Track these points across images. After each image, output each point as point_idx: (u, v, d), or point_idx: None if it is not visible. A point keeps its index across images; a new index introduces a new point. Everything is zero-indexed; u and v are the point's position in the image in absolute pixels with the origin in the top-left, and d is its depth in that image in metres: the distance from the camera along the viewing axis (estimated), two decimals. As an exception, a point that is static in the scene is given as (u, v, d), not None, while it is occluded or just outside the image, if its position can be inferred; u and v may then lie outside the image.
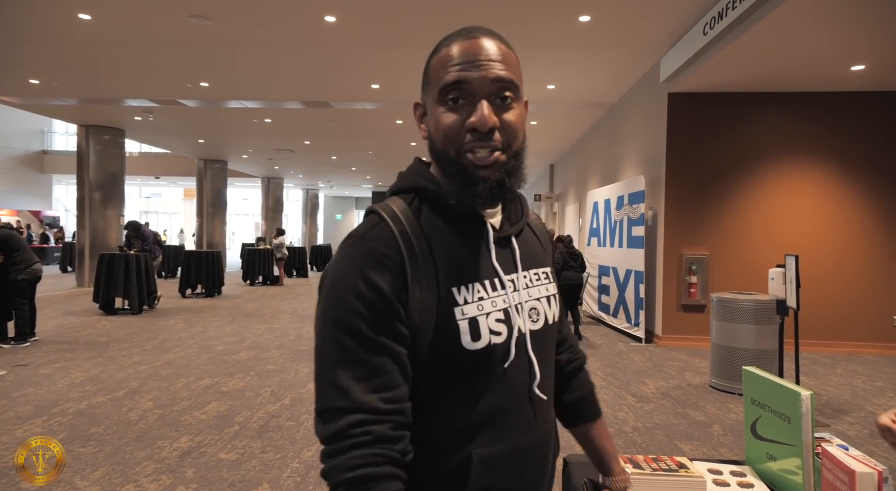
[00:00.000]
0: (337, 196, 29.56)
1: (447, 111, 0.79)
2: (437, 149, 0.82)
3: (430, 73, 0.83)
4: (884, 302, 6.61)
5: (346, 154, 15.44)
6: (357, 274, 0.75)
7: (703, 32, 5.46)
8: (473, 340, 0.78)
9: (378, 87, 8.48)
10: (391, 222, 0.80)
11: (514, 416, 0.84)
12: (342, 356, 0.74)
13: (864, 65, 5.77)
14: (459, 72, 0.78)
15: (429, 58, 0.84)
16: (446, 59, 0.80)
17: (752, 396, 1.48)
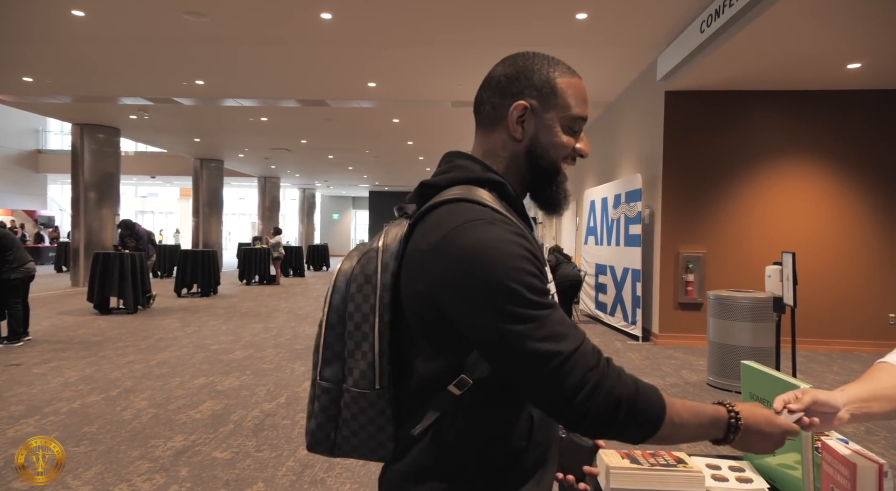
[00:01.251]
0: (334, 195, 29.50)
1: (566, 135, 0.92)
2: (547, 157, 0.92)
3: (557, 93, 0.91)
4: (880, 300, 6.62)
5: (342, 153, 15.40)
6: (520, 246, 0.80)
7: (700, 30, 5.45)
8: None
9: (375, 85, 8.45)
10: (499, 208, 0.85)
11: None
12: (544, 312, 0.78)
13: (861, 63, 5.78)
14: (586, 109, 0.93)
15: (544, 70, 0.91)
16: (577, 92, 0.92)
17: (750, 390, 1.46)
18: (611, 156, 9.08)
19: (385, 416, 0.88)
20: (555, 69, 0.92)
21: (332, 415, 0.89)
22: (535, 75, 0.91)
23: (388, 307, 0.86)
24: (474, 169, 0.91)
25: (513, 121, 0.90)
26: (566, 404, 0.76)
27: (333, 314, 0.89)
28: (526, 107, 0.90)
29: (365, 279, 0.87)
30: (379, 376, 0.86)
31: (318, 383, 0.90)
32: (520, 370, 0.77)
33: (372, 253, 0.89)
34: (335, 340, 0.89)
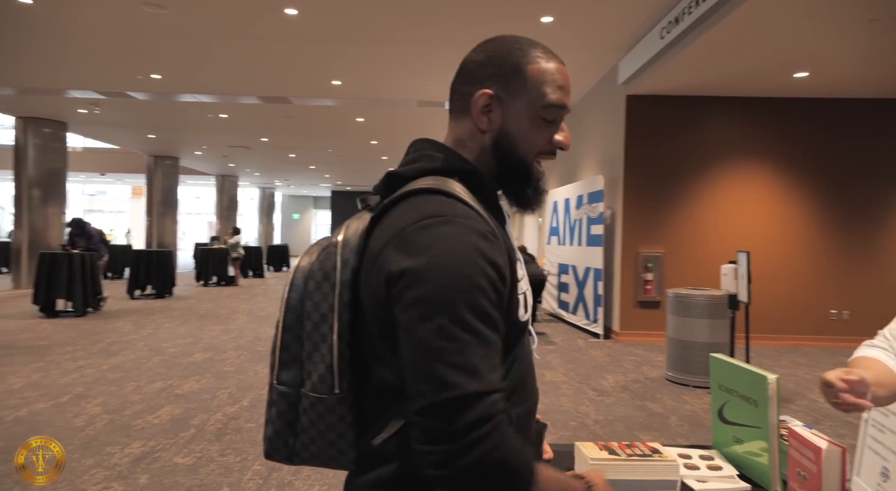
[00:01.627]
0: (294, 195, 29.00)
1: (539, 125, 0.86)
2: (516, 151, 0.86)
3: (526, 80, 0.85)
4: (822, 298, 6.97)
5: (304, 152, 15.16)
6: (475, 251, 0.73)
7: (661, 37, 5.62)
8: (525, 312, 0.86)
9: (339, 83, 8.36)
10: (469, 201, 0.80)
11: (531, 378, 0.92)
12: (471, 338, 0.70)
13: (808, 72, 6.08)
14: (564, 96, 0.86)
15: (514, 58, 0.85)
16: (550, 77, 0.85)
17: (719, 382, 1.52)
18: (574, 157, 9.25)
19: (345, 422, 0.81)
20: (527, 54, 0.85)
21: (289, 421, 0.83)
22: (505, 61, 0.85)
23: (347, 306, 0.80)
24: (444, 158, 0.85)
25: (477, 110, 0.85)
26: (443, 442, 0.68)
27: (290, 314, 0.84)
28: (491, 95, 0.84)
29: (323, 276, 0.82)
30: (339, 380, 0.80)
31: (274, 388, 0.84)
32: (417, 384, 0.70)
33: (331, 248, 0.83)
34: (292, 342, 0.84)
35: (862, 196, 6.95)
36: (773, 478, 1.33)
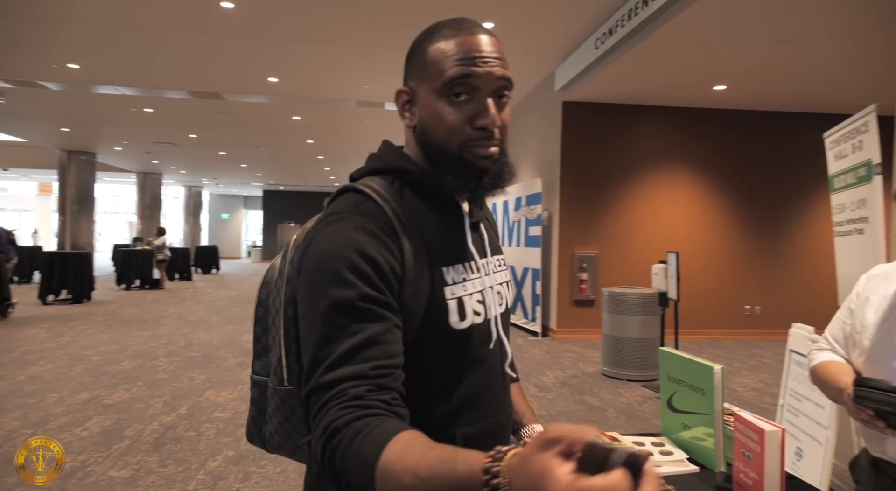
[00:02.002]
0: (224, 194, 27.83)
1: (450, 106, 0.78)
2: (433, 141, 0.81)
3: (426, 63, 0.80)
4: (738, 295, 7.53)
5: (236, 150, 14.61)
6: (351, 247, 0.72)
7: (595, 47, 5.88)
8: (460, 319, 0.80)
9: (276, 80, 8.14)
10: (379, 200, 0.78)
11: (492, 395, 0.86)
12: (333, 332, 0.69)
13: (725, 85, 6.56)
14: (466, 67, 0.76)
15: (421, 44, 0.82)
16: (449, 52, 0.78)
17: (668, 373, 1.64)
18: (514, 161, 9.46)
19: (296, 415, 0.84)
20: (431, 35, 0.81)
21: (261, 408, 0.90)
22: (413, 50, 0.83)
23: (291, 302, 0.82)
24: (384, 158, 0.87)
25: (399, 108, 0.85)
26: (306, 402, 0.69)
27: (260, 308, 0.91)
28: (406, 91, 0.84)
29: (279, 273, 0.87)
30: (287, 374, 0.83)
31: (251, 376, 0.92)
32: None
33: (287, 248, 0.89)
34: (263, 334, 0.91)
35: (773, 201, 7.57)
36: (718, 459, 1.46)
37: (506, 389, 0.91)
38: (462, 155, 0.80)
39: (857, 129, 2.33)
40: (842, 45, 5.25)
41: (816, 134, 7.60)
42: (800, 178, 7.58)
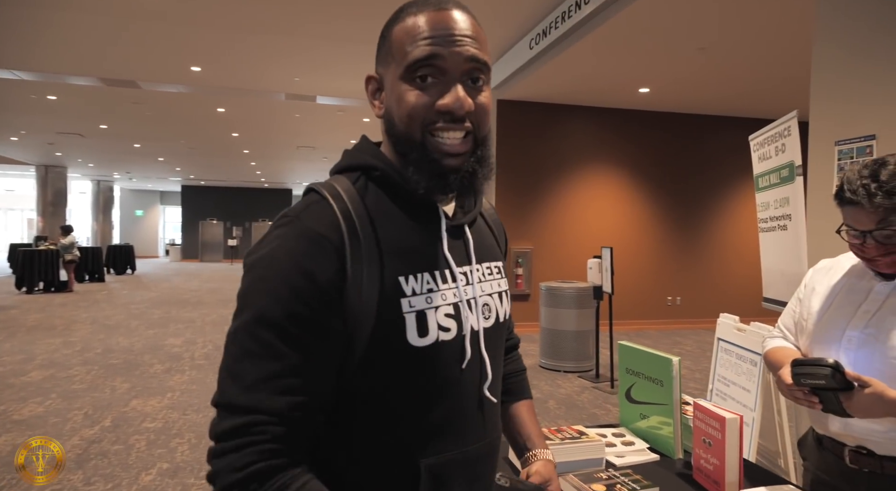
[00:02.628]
0: (138, 189, 26.06)
1: (414, 89, 0.71)
2: (397, 129, 0.74)
3: (391, 45, 0.74)
4: (661, 287, 7.99)
5: (153, 142, 13.72)
6: (290, 259, 0.67)
7: (530, 47, 6.01)
8: (420, 335, 0.71)
9: (199, 70, 7.71)
10: (332, 200, 0.72)
11: (465, 421, 0.77)
12: (255, 349, 0.65)
13: (649, 89, 6.91)
14: (431, 46, 0.70)
15: (387, 26, 0.76)
16: (414, 31, 0.71)
17: (626, 366, 1.70)
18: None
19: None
20: (398, 16, 0.75)
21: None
22: (383, 34, 0.77)
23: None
24: (355, 154, 0.81)
25: (369, 97, 0.80)
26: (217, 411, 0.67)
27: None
28: (374, 78, 0.79)
29: None
30: None
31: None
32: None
33: None
34: None
35: (694, 199, 8.07)
36: (676, 447, 1.54)
37: (487, 413, 0.80)
38: (424, 142, 0.72)
39: (780, 132, 2.52)
40: (758, 55, 5.66)
41: (735, 136, 8.19)
42: (719, 177, 8.14)
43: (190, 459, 3.17)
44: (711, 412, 1.34)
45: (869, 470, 1.23)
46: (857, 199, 1.15)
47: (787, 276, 2.55)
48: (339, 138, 12.87)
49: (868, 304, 1.26)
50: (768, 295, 2.82)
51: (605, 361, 5.39)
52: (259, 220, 24.80)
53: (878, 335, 1.21)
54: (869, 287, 1.28)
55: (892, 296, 1.23)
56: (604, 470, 1.40)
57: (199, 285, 13.40)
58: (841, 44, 2.56)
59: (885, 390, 1.09)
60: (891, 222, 1.14)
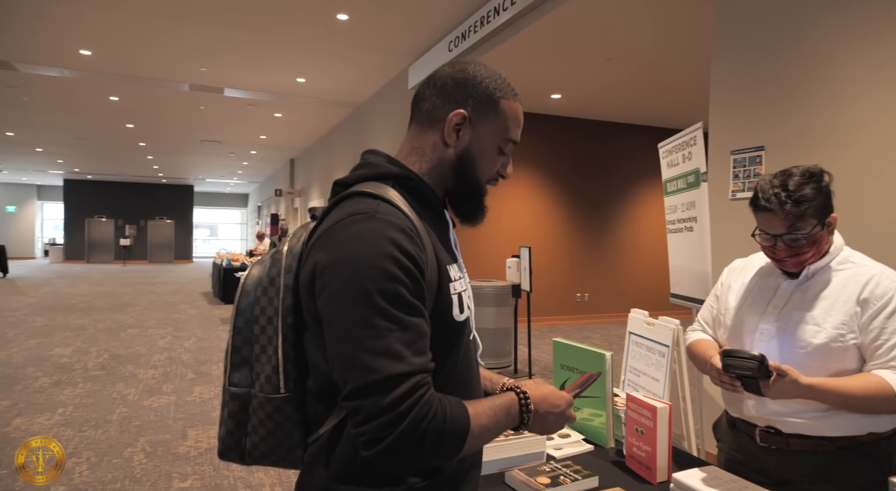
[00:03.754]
0: (10, 183, 23.32)
1: (499, 154, 0.95)
2: (473, 169, 0.93)
3: (498, 113, 0.93)
4: (572, 284, 8.40)
5: (30, 131, 12.34)
6: (391, 243, 0.77)
7: (449, 49, 6.08)
8: (460, 312, 0.88)
9: (90, 53, 7.05)
10: (397, 202, 0.84)
11: (472, 380, 0.96)
12: (391, 325, 0.75)
13: (561, 95, 7.23)
14: (519, 134, 0.97)
15: (491, 89, 0.92)
16: (516, 115, 0.95)
17: (561, 362, 1.77)
18: (362, 156, 9.39)
19: (292, 421, 0.86)
20: (501, 88, 0.93)
21: (241, 421, 0.88)
22: (482, 88, 0.91)
23: (290, 310, 0.86)
24: (381, 164, 0.91)
25: (450, 126, 0.90)
26: (371, 420, 0.73)
27: (240, 318, 0.89)
28: (465, 116, 0.91)
29: (269, 282, 0.88)
30: (284, 381, 0.86)
31: (227, 389, 0.89)
32: (344, 372, 0.75)
33: (277, 256, 0.90)
34: (242, 344, 0.89)
35: (601, 201, 8.55)
36: (609, 437, 1.62)
37: (478, 374, 1.01)
38: (482, 188, 0.97)
39: (687, 142, 2.74)
40: (663, 68, 6.10)
41: (642, 143, 8.75)
42: (626, 181, 8.68)
43: (91, 480, 2.89)
44: (643, 402, 1.44)
45: (777, 447, 1.37)
46: (771, 207, 1.28)
47: (694, 273, 2.78)
48: (248, 133, 12.30)
49: (777, 300, 1.40)
50: (676, 291, 3.05)
51: (523, 357, 5.57)
52: (156, 218, 23.09)
53: (785, 327, 1.35)
54: (777, 285, 1.42)
55: (796, 292, 1.38)
56: (545, 463, 1.45)
57: (89, 289, 12.26)
58: (736, 63, 2.83)
59: (799, 377, 1.22)
60: (798, 228, 1.28)
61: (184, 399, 4.40)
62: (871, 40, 2.23)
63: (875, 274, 1.31)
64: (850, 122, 2.30)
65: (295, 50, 6.82)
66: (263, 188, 21.90)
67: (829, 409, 1.29)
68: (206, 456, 3.29)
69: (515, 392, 0.90)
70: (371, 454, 0.74)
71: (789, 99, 2.56)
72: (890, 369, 1.24)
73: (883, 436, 1.31)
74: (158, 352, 6.05)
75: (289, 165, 16.20)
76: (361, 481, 0.82)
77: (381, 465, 0.75)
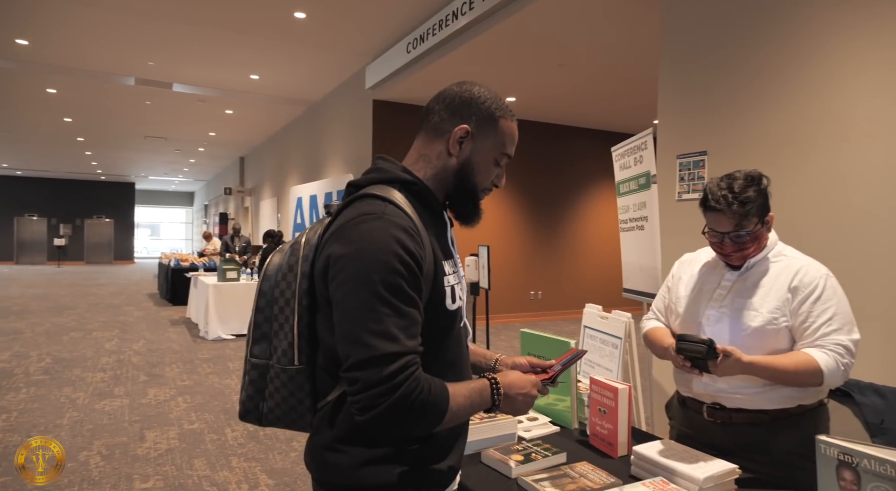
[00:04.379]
0: (-73, 179, 21.66)
1: (495, 166, 1.08)
2: (471, 178, 1.06)
3: (496, 130, 1.05)
4: (525, 282, 8.63)
5: (-46, 123, 11.55)
6: (395, 241, 0.89)
7: (407, 51, 6.15)
8: (452, 302, 1.01)
9: (26, 43, 6.71)
10: (402, 205, 0.96)
11: (463, 364, 1.09)
12: (389, 311, 0.87)
13: (515, 98, 7.43)
14: (513, 150, 1.09)
15: (490, 109, 1.04)
16: (512, 133, 1.08)
17: (528, 350, 1.90)
18: (318, 155, 9.31)
19: (304, 390, 1.00)
20: (500, 108, 1.07)
21: (259, 388, 1.03)
22: (485, 108, 1.04)
23: (306, 293, 0.99)
24: (390, 169, 1.04)
25: (455, 139, 1.04)
26: (367, 389, 0.85)
27: (262, 299, 1.04)
28: (468, 131, 1.04)
29: (289, 268, 1.02)
30: (298, 355, 0.99)
31: (248, 359, 1.04)
32: (346, 348, 0.88)
33: (296, 246, 1.03)
34: (263, 322, 1.04)
35: (553, 201, 8.82)
36: (573, 419, 1.76)
37: (468, 357, 1.14)
38: (479, 194, 1.10)
39: (638, 146, 2.93)
40: (614, 74, 6.35)
41: (594, 146, 9.04)
42: (578, 182, 8.98)
43: (46, 485, 2.81)
44: (606, 385, 1.57)
45: (721, 421, 1.54)
46: (720, 208, 1.44)
47: (645, 269, 2.98)
48: (197, 130, 11.95)
49: (721, 289, 1.57)
50: (628, 286, 3.25)
51: (480, 353, 5.69)
52: (94, 217, 22.00)
53: (728, 313, 1.52)
54: (721, 275, 1.59)
55: (737, 282, 1.55)
56: (517, 443, 1.56)
57: (21, 292, 11.59)
58: (681, 70, 3.04)
59: (742, 356, 1.38)
60: (743, 226, 1.44)
61: (138, 401, 4.29)
62: (804, 51, 2.47)
63: (803, 265, 1.49)
64: (783, 129, 2.53)
65: (250, 47, 6.72)
66: (211, 186, 21.25)
67: (765, 385, 1.46)
68: (167, 457, 3.24)
69: (488, 378, 1.03)
70: (364, 419, 0.86)
71: (729, 106, 2.78)
72: (816, 348, 1.42)
73: (809, 408, 1.50)
74: (106, 355, 5.83)
75: (238, 163, 15.81)
76: (360, 442, 0.95)
77: (371, 428, 0.87)
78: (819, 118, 2.37)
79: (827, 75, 2.34)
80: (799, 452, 1.43)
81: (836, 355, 1.39)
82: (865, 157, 2.19)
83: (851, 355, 1.41)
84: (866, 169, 2.19)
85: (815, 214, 2.36)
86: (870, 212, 2.17)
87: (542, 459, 1.44)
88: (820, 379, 1.39)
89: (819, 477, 0.99)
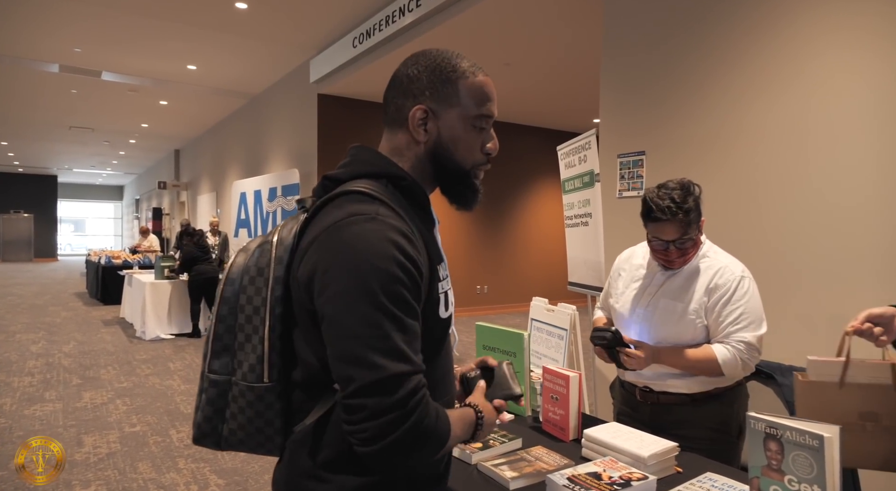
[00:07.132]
0: None
1: (475, 132, 0.93)
2: (451, 158, 0.93)
3: (459, 94, 0.91)
4: (472, 277, 8.77)
5: None
6: (394, 246, 0.78)
7: (353, 45, 6.10)
8: (445, 310, 0.91)
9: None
10: (391, 204, 0.85)
11: (451, 378, 1.00)
12: (393, 324, 0.76)
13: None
14: (491, 107, 0.94)
15: (448, 74, 0.91)
16: (481, 91, 0.92)
17: (483, 343, 1.97)
18: (259, 149, 9.08)
19: (273, 410, 0.86)
20: (456, 70, 0.91)
21: (219, 408, 0.88)
22: (436, 76, 0.91)
23: (279, 300, 0.85)
24: (376, 162, 0.92)
25: (414, 124, 0.90)
26: (375, 418, 0.74)
27: (224, 306, 0.88)
28: (426, 110, 0.90)
29: (258, 272, 0.87)
30: (269, 370, 0.85)
31: (206, 375, 0.88)
32: (346, 369, 0.76)
33: (267, 246, 0.88)
34: (225, 332, 0.88)
35: (498, 198, 8.98)
36: (527, 407, 1.85)
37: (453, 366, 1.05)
38: (470, 173, 0.96)
39: (583, 145, 3.06)
40: (557, 74, 6.52)
41: (539, 144, 9.25)
42: (522, 180, 9.18)
43: None
44: (558, 373, 1.67)
45: (651, 402, 1.71)
46: (666, 218, 1.55)
47: (589, 263, 3.12)
48: (127, 120, 11.34)
49: (651, 288, 1.71)
50: (573, 279, 3.39)
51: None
52: (11, 212, 20.46)
53: (654, 311, 1.67)
54: (652, 274, 1.73)
55: (666, 282, 1.69)
56: (475, 432, 1.63)
57: (-72, 293, 10.67)
58: (621, 71, 3.17)
59: (651, 349, 1.60)
60: (688, 233, 1.57)
61: (72, 406, 4.08)
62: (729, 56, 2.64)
63: (722, 266, 1.64)
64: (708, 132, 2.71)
65: (187, 36, 6.46)
66: (143, 180, 20.22)
67: (683, 372, 1.64)
68: (108, 461, 3.12)
69: (475, 410, 0.93)
70: (371, 450, 0.75)
71: (664, 106, 2.92)
72: (720, 344, 1.60)
73: (727, 389, 1.67)
74: (33, 358, 5.49)
75: (174, 156, 15.13)
76: (349, 470, 0.83)
77: (376, 460, 0.76)
78: (738, 123, 2.56)
79: (747, 82, 2.53)
80: (718, 427, 1.63)
81: (735, 350, 1.56)
82: (776, 159, 2.40)
83: (754, 349, 1.58)
84: (777, 170, 2.40)
85: (733, 212, 2.55)
86: (778, 209, 2.38)
87: (499, 445, 1.51)
88: (719, 371, 1.57)
89: (749, 448, 1.11)
